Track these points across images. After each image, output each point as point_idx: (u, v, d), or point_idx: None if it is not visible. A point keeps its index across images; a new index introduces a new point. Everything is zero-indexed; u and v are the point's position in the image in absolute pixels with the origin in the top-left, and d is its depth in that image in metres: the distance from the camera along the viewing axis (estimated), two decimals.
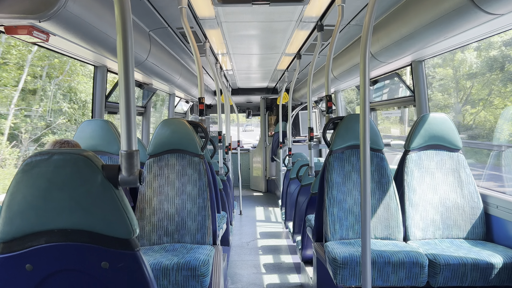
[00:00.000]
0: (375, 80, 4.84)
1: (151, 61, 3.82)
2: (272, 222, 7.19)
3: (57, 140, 2.30)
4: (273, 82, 8.78)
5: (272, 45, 4.88)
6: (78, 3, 2.18)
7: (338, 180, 3.05)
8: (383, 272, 2.52)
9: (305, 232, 4.03)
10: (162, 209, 2.98)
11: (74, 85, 10.03)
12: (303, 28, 3.99)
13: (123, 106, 1.31)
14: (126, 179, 1.29)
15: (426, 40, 2.79)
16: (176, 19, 3.57)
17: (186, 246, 2.85)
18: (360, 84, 1.98)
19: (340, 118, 3.18)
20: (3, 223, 1.27)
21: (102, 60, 3.49)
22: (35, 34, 2.24)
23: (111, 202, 1.28)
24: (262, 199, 9.56)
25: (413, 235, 2.98)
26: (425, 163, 3.12)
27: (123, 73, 1.30)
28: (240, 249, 5.55)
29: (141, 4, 3.09)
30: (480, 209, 2.96)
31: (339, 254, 2.57)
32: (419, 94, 3.73)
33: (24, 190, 1.26)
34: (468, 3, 2.11)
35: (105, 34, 2.63)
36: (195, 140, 3.07)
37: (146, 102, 5.37)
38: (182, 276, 2.43)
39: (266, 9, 3.33)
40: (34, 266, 1.28)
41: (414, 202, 3.04)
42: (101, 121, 3.07)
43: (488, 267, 2.46)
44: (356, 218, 3.01)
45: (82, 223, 1.28)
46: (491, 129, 7.48)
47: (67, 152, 1.28)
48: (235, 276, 4.49)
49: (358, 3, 3.18)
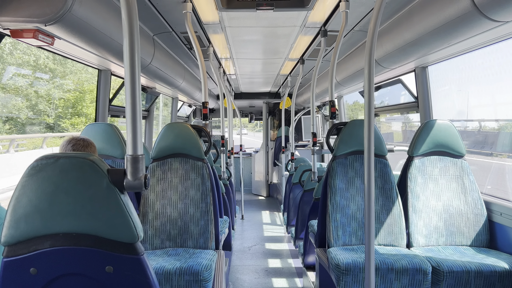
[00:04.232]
0: (378, 86, 4.84)
1: (155, 65, 3.83)
2: (274, 227, 7.17)
3: (74, 137, 2.34)
4: (276, 86, 8.78)
5: (276, 50, 4.89)
6: (84, 7, 2.19)
7: (341, 185, 3.05)
8: (386, 279, 2.51)
9: (308, 238, 4.02)
10: (165, 214, 2.98)
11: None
12: (307, 33, 4.00)
13: (129, 110, 1.31)
14: (132, 183, 1.29)
15: (430, 47, 2.79)
16: (180, 23, 3.58)
17: (189, 250, 2.84)
18: (365, 90, 1.98)
19: (344, 123, 3.18)
20: (8, 226, 1.26)
21: (106, 64, 3.50)
22: (41, 38, 2.25)
23: (116, 206, 1.27)
24: (264, 204, 9.54)
25: (416, 242, 2.97)
26: (429, 169, 3.11)
27: (130, 77, 1.31)
28: (242, 253, 5.53)
29: (146, 9, 3.10)
30: (483, 216, 2.94)
31: (342, 260, 2.56)
32: (423, 100, 3.72)
33: (30, 194, 1.26)
34: (473, 10, 2.11)
35: (110, 38, 2.64)
36: (198, 145, 3.07)
37: (150, 106, 5.38)
38: (184, 280, 2.42)
39: (270, 14, 3.34)
40: (38, 270, 1.28)
41: (418, 209, 3.03)
42: (105, 125, 3.07)
43: (492, 275, 2.45)
44: (359, 224, 3.00)
45: (87, 227, 1.28)
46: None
47: (73, 156, 1.28)
48: (237, 281, 4.47)
49: (362, 9, 3.19)
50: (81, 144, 2.31)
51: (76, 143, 2.30)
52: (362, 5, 3.09)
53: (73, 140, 2.31)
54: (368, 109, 1.96)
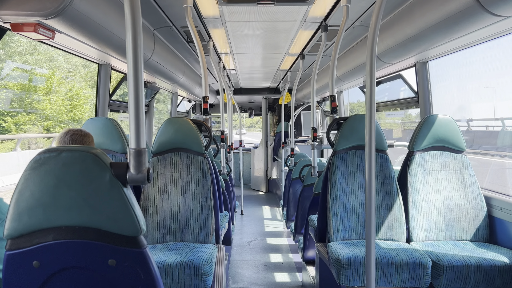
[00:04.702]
0: (378, 81, 4.84)
1: (155, 59, 3.82)
2: (274, 222, 7.19)
3: (71, 128, 2.39)
4: (275, 82, 8.77)
5: (276, 45, 4.88)
6: (85, 1, 2.18)
7: (341, 180, 3.05)
8: (386, 273, 2.52)
9: (307, 232, 4.03)
10: (165, 208, 2.99)
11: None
12: (307, 28, 3.99)
13: (132, 104, 1.31)
14: (135, 177, 1.29)
15: (431, 41, 2.79)
16: (180, 18, 3.57)
17: (189, 245, 2.85)
18: (366, 85, 1.98)
19: (344, 118, 3.18)
20: (11, 219, 1.27)
21: (107, 58, 3.49)
22: (41, 32, 2.24)
23: (119, 200, 1.28)
24: (264, 199, 9.56)
25: (416, 237, 2.98)
26: (429, 164, 3.11)
27: (133, 71, 1.30)
28: (241, 248, 5.55)
29: (146, 3, 3.09)
30: (483, 211, 2.95)
31: (343, 254, 2.57)
32: (423, 95, 3.72)
33: (32, 187, 1.26)
34: (475, 4, 2.11)
35: (110, 32, 2.64)
36: (199, 139, 3.07)
37: (149, 101, 5.37)
38: (185, 274, 2.43)
39: (271, 9, 3.33)
40: (41, 263, 1.28)
41: (418, 204, 3.03)
42: (105, 119, 3.07)
43: (491, 269, 2.46)
44: (359, 219, 3.00)
45: (89, 221, 1.28)
46: None
47: (76, 150, 1.28)
48: (236, 275, 4.49)
49: (363, 4, 3.18)
50: (79, 133, 2.37)
51: (74, 133, 2.35)
52: (363, 0, 3.08)
53: (71, 131, 2.37)
54: (370, 104, 1.96)
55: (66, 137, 2.32)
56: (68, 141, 2.31)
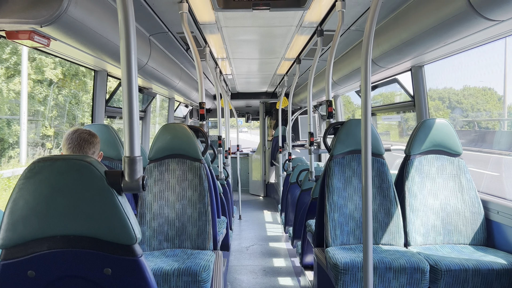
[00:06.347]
0: (374, 85, 4.85)
1: (151, 65, 3.82)
2: (272, 227, 7.18)
3: (79, 128, 2.38)
4: (272, 86, 8.78)
5: (272, 50, 4.89)
6: (80, 8, 2.18)
7: (338, 185, 3.05)
8: (384, 278, 2.52)
9: (305, 237, 4.02)
10: (162, 214, 2.97)
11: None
12: (303, 33, 4.00)
13: (126, 111, 1.31)
14: (129, 185, 1.29)
15: (426, 46, 2.80)
16: (176, 23, 3.57)
17: (187, 251, 2.84)
18: (362, 90, 1.98)
19: (341, 123, 3.18)
20: (6, 229, 1.26)
21: (103, 65, 3.49)
22: (36, 39, 2.24)
23: (114, 208, 1.27)
24: (261, 204, 9.54)
25: (414, 241, 2.98)
26: (426, 168, 3.12)
27: (126, 78, 1.30)
28: (239, 254, 5.53)
29: (142, 9, 3.09)
30: (481, 215, 2.96)
31: (340, 259, 2.57)
32: (419, 99, 3.73)
33: (27, 196, 1.25)
34: (468, 9, 2.12)
35: (106, 39, 2.63)
36: (195, 145, 3.06)
37: (146, 107, 5.36)
38: (182, 281, 2.41)
39: (267, 14, 3.34)
40: (36, 273, 1.27)
41: (415, 208, 3.03)
42: (102, 126, 3.06)
43: (489, 273, 2.46)
44: (356, 224, 3.00)
45: (84, 229, 1.27)
46: None
47: (70, 158, 1.28)
48: (234, 281, 4.47)
49: (358, 9, 3.19)
50: (87, 133, 2.35)
51: (83, 132, 2.34)
52: (358, 5, 3.09)
53: (80, 130, 2.36)
54: (365, 108, 1.96)
55: (74, 135, 2.31)
56: (76, 139, 2.29)
